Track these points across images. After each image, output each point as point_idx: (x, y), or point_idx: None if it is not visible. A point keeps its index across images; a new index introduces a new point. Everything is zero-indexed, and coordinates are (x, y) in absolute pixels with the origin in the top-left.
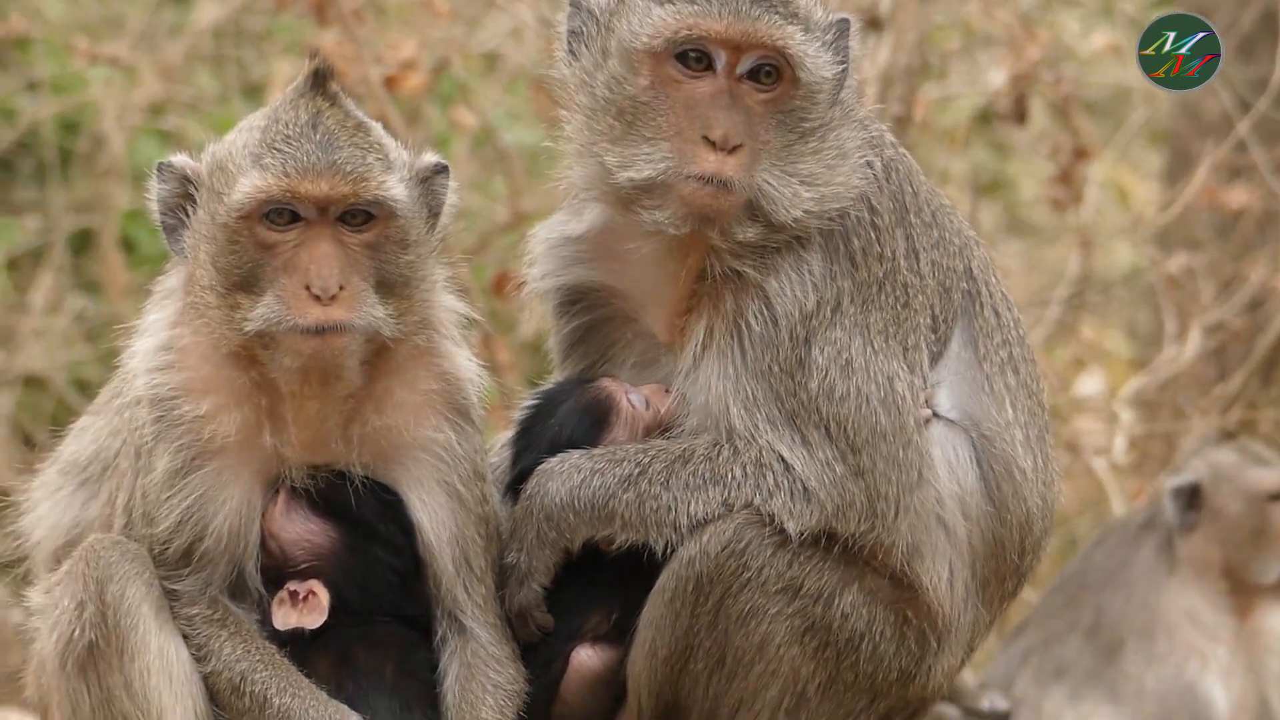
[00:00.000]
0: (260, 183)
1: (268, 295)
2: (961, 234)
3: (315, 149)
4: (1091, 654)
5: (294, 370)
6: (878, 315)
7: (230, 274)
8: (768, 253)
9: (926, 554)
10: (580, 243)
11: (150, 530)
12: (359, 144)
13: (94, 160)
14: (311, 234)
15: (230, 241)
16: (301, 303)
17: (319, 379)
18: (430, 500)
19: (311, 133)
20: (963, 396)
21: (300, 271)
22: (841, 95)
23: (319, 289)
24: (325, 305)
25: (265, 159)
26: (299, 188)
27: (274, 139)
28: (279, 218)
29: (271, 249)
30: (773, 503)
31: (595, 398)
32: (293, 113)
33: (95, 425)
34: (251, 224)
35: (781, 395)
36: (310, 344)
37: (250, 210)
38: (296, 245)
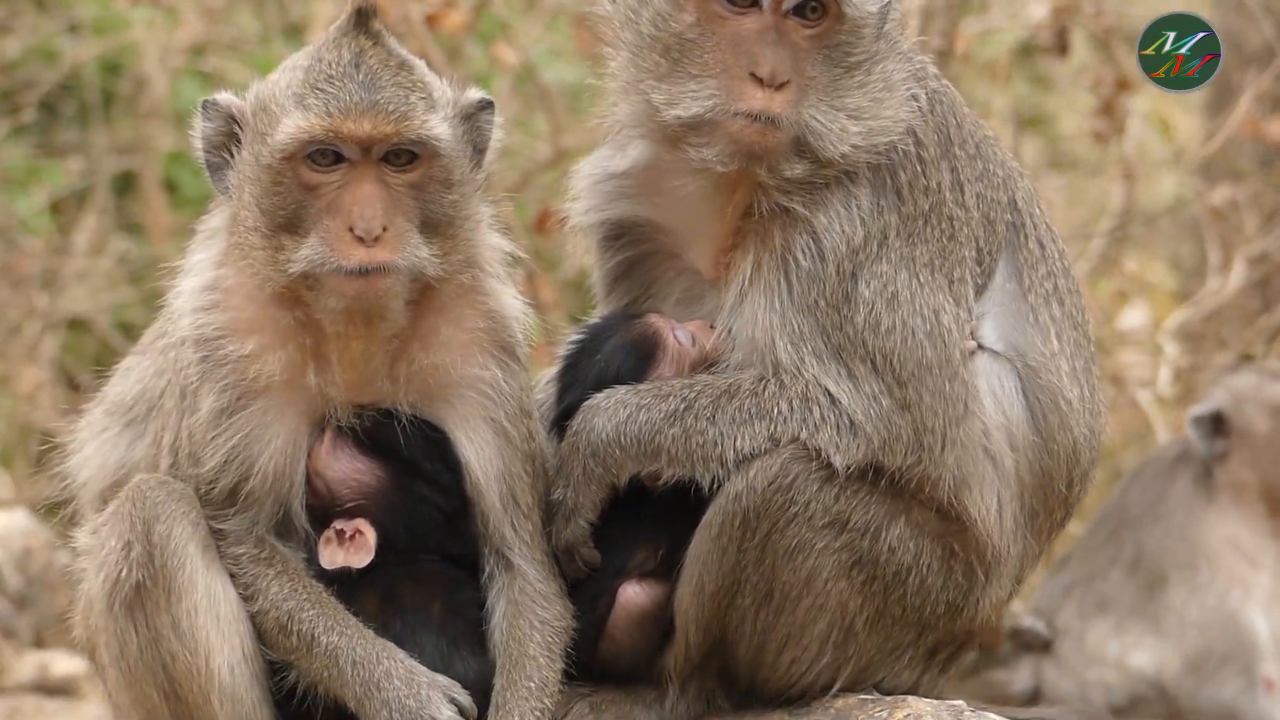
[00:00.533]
0: (303, 123)
1: (311, 236)
2: (1005, 166)
3: (358, 89)
4: (1134, 588)
5: (338, 311)
6: (923, 248)
7: (274, 215)
8: (815, 188)
9: (974, 486)
10: (624, 178)
11: (196, 470)
12: (402, 83)
13: (136, 102)
14: (355, 174)
15: (274, 183)
16: (345, 244)
17: (363, 319)
18: (477, 438)
19: (354, 72)
20: (1008, 328)
21: (344, 213)
22: (885, 29)
23: (362, 230)
24: (369, 247)
25: (308, 99)
26: (341, 128)
27: (316, 79)
28: (322, 158)
29: (315, 190)
30: (819, 437)
31: (641, 333)
32: (335, 52)
33: (140, 365)
34: (295, 165)
35: (828, 329)
36: (354, 285)
37: (293, 151)
38: (340, 186)
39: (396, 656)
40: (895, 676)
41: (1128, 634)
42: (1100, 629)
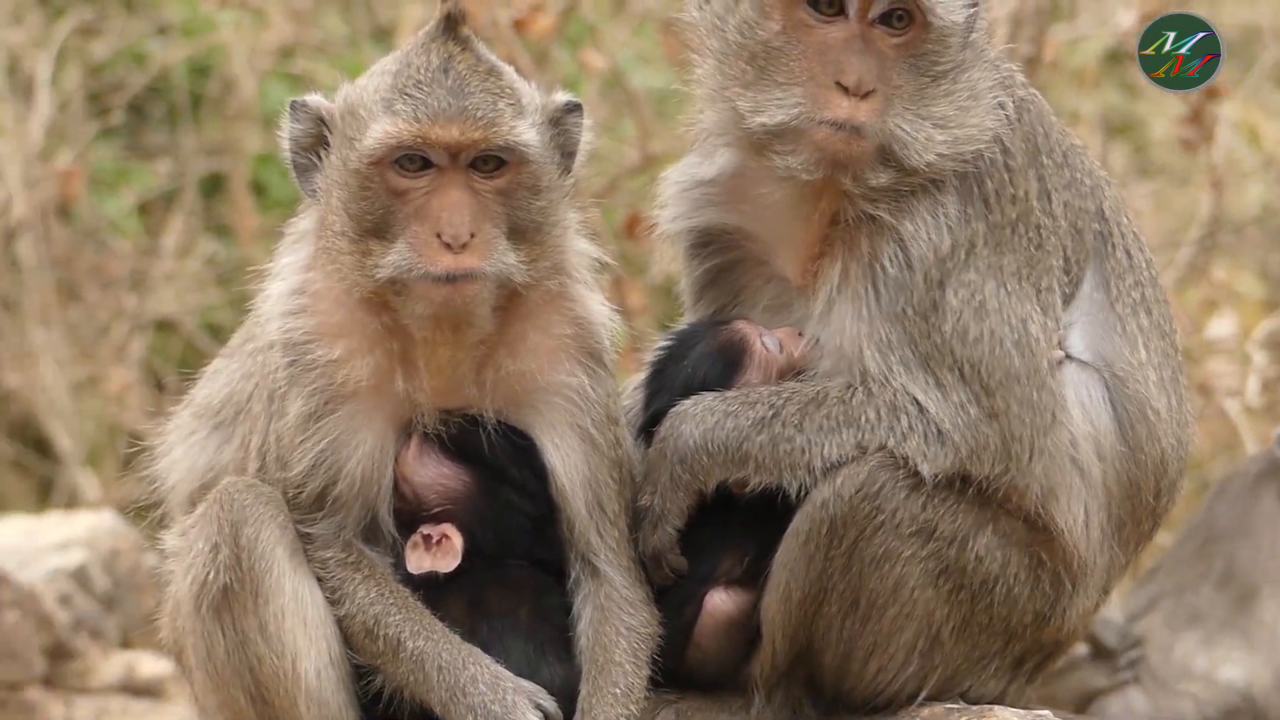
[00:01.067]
0: (391, 128)
1: (399, 242)
2: (1093, 174)
3: (446, 94)
4: (1225, 602)
5: (425, 317)
6: (1011, 257)
7: (362, 220)
8: (902, 196)
9: (1061, 496)
10: (712, 185)
11: (284, 474)
12: (490, 89)
13: (224, 104)
14: (443, 180)
15: (362, 187)
16: (433, 250)
17: (450, 326)
18: (563, 444)
19: (443, 78)
20: (1095, 338)
21: (431, 219)
22: (972, 37)
23: (450, 237)
24: (456, 253)
25: (396, 104)
26: (430, 133)
27: (405, 84)
28: (410, 164)
29: (403, 195)
30: (907, 445)
31: (729, 340)
32: (424, 57)
33: (228, 369)
34: (383, 170)
35: (915, 338)
36: (441, 292)
37: (381, 156)
38: (428, 192)
39: (482, 662)
40: (981, 685)
41: (1217, 647)
42: (1189, 642)
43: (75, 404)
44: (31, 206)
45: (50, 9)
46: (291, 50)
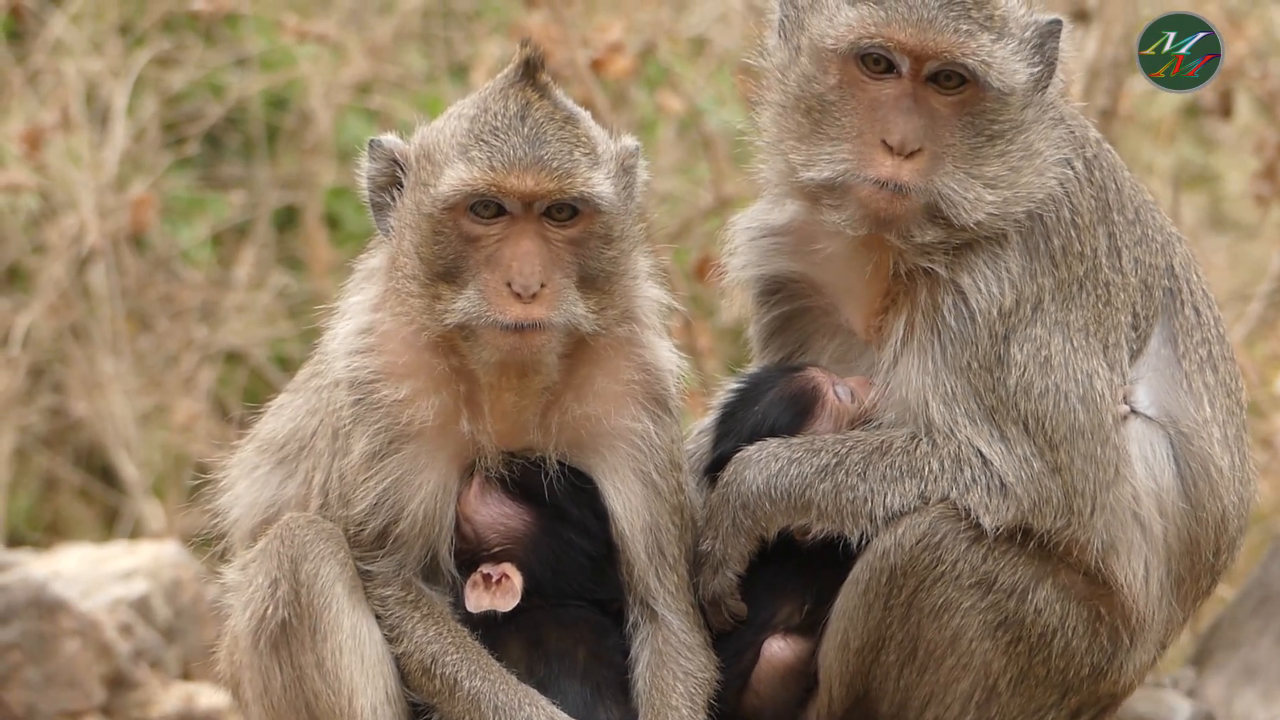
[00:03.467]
0: (467, 176)
1: (469, 288)
2: (1164, 231)
3: (522, 143)
4: None
5: (492, 364)
6: (1079, 313)
7: (433, 264)
8: (960, 250)
9: (1122, 551)
10: (781, 234)
11: (346, 512)
12: (566, 138)
13: (300, 137)
14: (516, 229)
15: (434, 232)
16: (503, 299)
17: (516, 372)
18: (625, 488)
19: (519, 125)
20: (1161, 393)
21: (503, 267)
22: (1039, 96)
23: (520, 287)
24: (526, 303)
25: (472, 151)
26: (505, 182)
27: (481, 130)
28: (484, 211)
29: (475, 241)
30: (969, 497)
31: (802, 387)
32: (501, 103)
33: (293, 404)
34: (456, 216)
35: (980, 391)
36: (509, 340)
37: (455, 203)
38: (500, 239)
39: (539, 703)
40: None
41: (1275, 701)
42: (1248, 697)
43: (142, 434)
44: (104, 235)
45: (129, 38)
46: (369, 86)
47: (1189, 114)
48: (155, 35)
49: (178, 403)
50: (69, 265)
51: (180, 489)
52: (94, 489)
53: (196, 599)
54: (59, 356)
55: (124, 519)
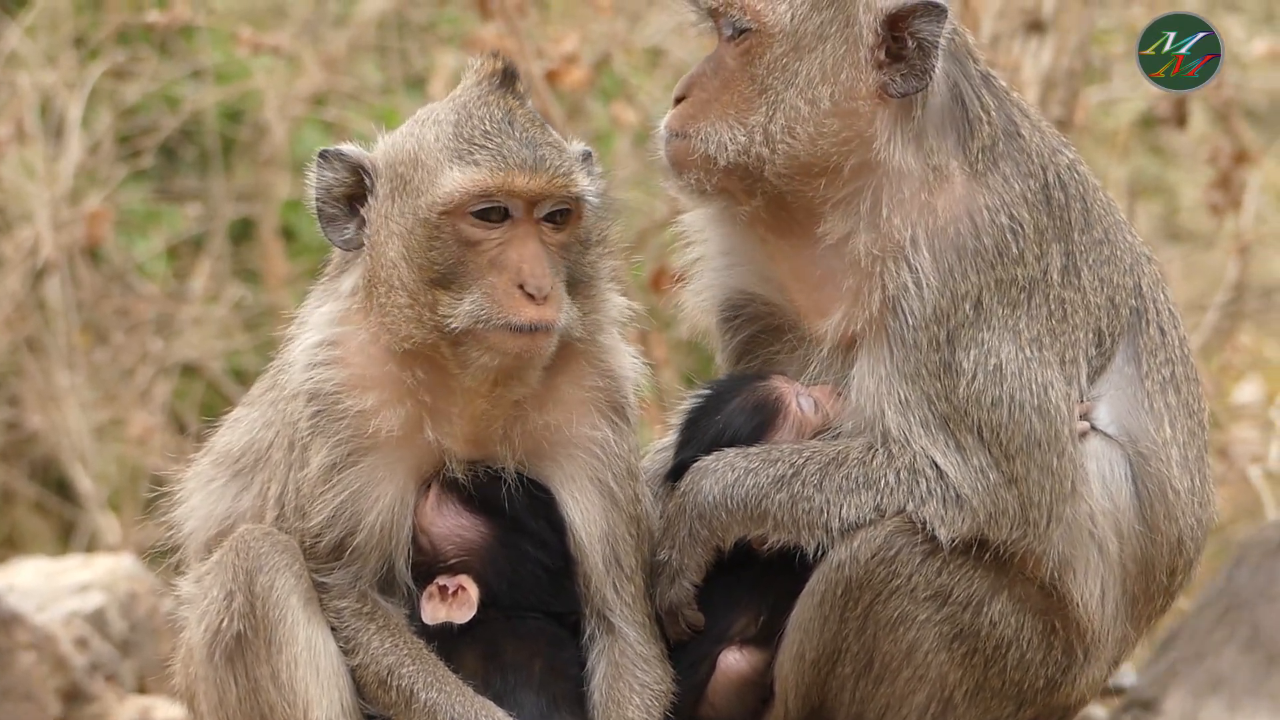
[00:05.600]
0: (476, 176)
1: (473, 292)
2: (1134, 250)
3: (521, 145)
4: (1250, 665)
5: (489, 368)
6: (1030, 323)
7: (428, 270)
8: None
9: (1078, 569)
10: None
11: (302, 524)
12: (552, 142)
13: (256, 149)
14: (518, 232)
15: (430, 237)
16: (515, 301)
17: (505, 378)
18: (582, 498)
19: (510, 129)
20: (1122, 412)
21: (510, 269)
22: None
23: (534, 288)
24: (539, 304)
25: (474, 154)
26: (514, 183)
27: (473, 134)
28: (487, 214)
29: (475, 245)
30: (925, 510)
31: (764, 397)
32: (485, 109)
33: (249, 417)
34: (455, 220)
35: (933, 398)
36: (519, 342)
37: (459, 205)
38: (502, 243)
39: (495, 715)
40: None
41: (1241, 711)
42: (1213, 708)
43: (98, 447)
44: (59, 248)
45: (84, 50)
46: (324, 98)
47: (1145, 124)
48: (110, 47)
49: (133, 416)
50: (24, 278)
51: (136, 502)
52: (49, 502)
53: (152, 612)
54: (14, 369)
55: (79, 532)
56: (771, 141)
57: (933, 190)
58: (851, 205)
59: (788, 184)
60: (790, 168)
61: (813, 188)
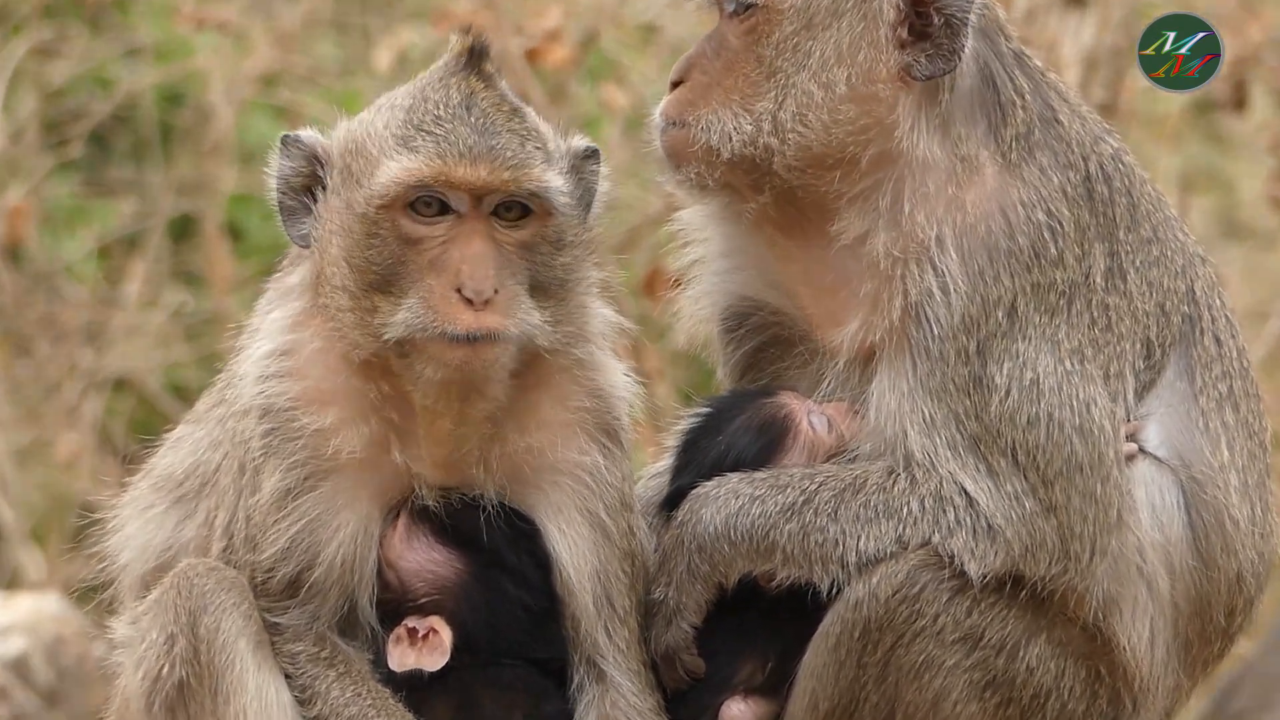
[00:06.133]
0: (411, 165)
1: (410, 297)
2: (1186, 250)
3: (471, 132)
4: None
5: (435, 382)
6: (1070, 333)
7: (367, 272)
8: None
9: (1125, 608)
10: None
11: (253, 557)
12: (517, 130)
13: (198, 137)
14: (463, 229)
15: (368, 234)
16: (451, 306)
17: (460, 394)
18: (570, 530)
19: (465, 114)
20: (1174, 432)
21: (450, 271)
22: None
23: (471, 291)
24: (478, 310)
25: (415, 140)
26: (454, 173)
27: (423, 119)
28: (426, 208)
29: (416, 244)
30: (953, 541)
31: (772, 415)
32: (443, 92)
33: (194, 436)
34: (394, 214)
35: (961, 417)
36: (458, 353)
37: (395, 198)
38: (445, 241)
39: None
40: None
41: None
42: None
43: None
44: None
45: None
46: (276, 79)
47: (1199, 109)
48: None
49: (60, 436)
50: None
51: (63, 533)
52: None
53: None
54: None
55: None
56: (781, 130)
57: (961, 183)
58: (870, 201)
59: (799, 178)
60: (802, 160)
61: (826, 182)
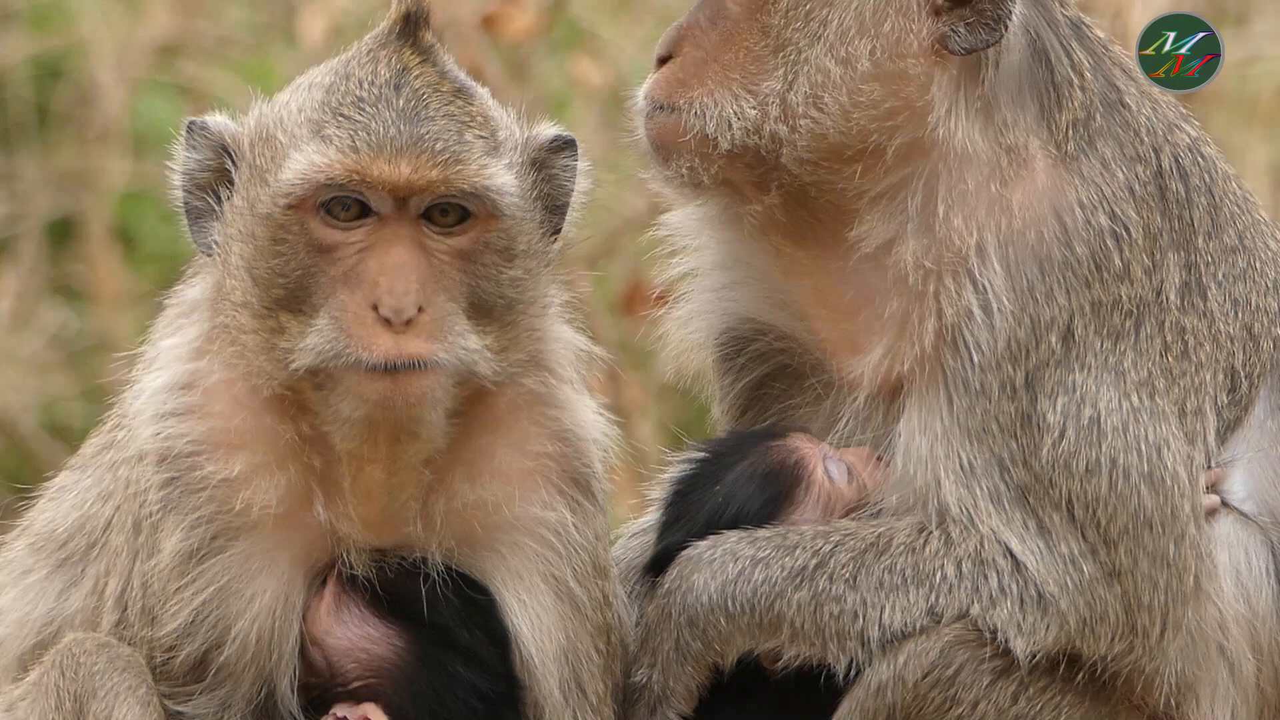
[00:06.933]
0: (319, 159)
1: (321, 317)
2: (1279, 262)
3: (396, 118)
4: None
5: (355, 422)
6: (1137, 360)
7: (272, 285)
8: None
9: (1203, 694)
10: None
11: (152, 632)
12: (456, 115)
13: (81, 120)
14: (384, 234)
15: (274, 240)
16: (366, 329)
17: (387, 436)
18: (533, 601)
19: (393, 96)
20: (1264, 483)
21: (366, 285)
22: None
23: (390, 310)
24: (398, 333)
25: (327, 128)
26: (370, 169)
27: (341, 102)
28: (342, 210)
29: (329, 252)
30: (996, 613)
31: (780, 461)
32: (370, 68)
33: (79, 486)
34: (304, 216)
35: (1006, 463)
36: (377, 387)
37: (303, 197)
38: (363, 248)
39: None
40: None
41: None
42: None
43: None
44: None
45: None
46: (175, 50)
47: None
48: None
49: None
50: None
51: None
52: None
53: None
54: None
55: None
56: (791, 116)
57: (1007, 180)
58: (896, 201)
59: (811, 173)
60: (815, 151)
61: (844, 178)
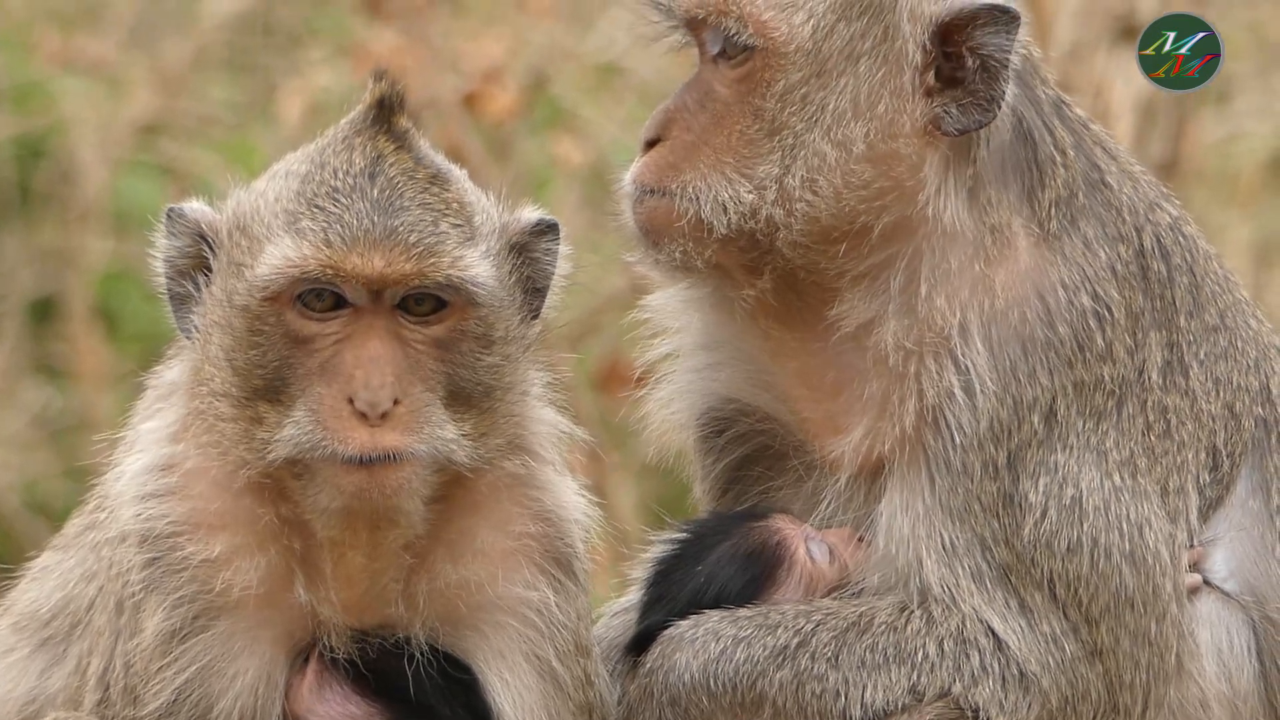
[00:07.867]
0: (293, 254)
1: (299, 409)
2: (1260, 341)
3: (370, 210)
4: None
5: (333, 512)
6: (1120, 440)
7: (250, 376)
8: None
9: None
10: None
11: (134, 711)
12: (431, 204)
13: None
14: (360, 325)
15: (251, 331)
16: (342, 421)
17: (366, 525)
18: (515, 680)
19: (367, 186)
20: (1246, 561)
21: (342, 378)
22: None
23: (366, 403)
24: (374, 426)
25: (302, 221)
26: (345, 263)
27: (316, 193)
28: (318, 301)
29: (306, 344)
30: (978, 692)
31: (762, 541)
32: (345, 156)
33: (61, 566)
34: (280, 308)
35: (988, 543)
36: (353, 479)
37: (279, 291)
38: (339, 340)
39: None
40: None
41: None
42: None
43: None
44: None
45: None
46: (158, 129)
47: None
48: None
49: None
50: None
51: None
52: None
53: None
54: None
55: None
56: (788, 200)
57: (990, 259)
58: (878, 281)
59: (803, 256)
60: (809, 234)
61: (828, 257)
